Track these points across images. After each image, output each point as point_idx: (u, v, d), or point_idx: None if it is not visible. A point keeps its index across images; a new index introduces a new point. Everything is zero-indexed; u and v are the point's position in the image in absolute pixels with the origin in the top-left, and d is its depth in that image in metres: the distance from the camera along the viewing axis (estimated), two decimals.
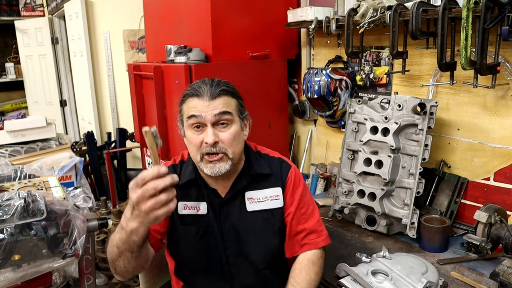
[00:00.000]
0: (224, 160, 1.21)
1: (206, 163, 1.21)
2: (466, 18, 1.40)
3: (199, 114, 1.19)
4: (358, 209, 1.83)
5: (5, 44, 5.90)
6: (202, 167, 1.22)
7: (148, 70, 2.42)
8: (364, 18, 1.79)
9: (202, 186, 1.30)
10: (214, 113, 1.18)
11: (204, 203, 1.29)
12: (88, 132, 3.51)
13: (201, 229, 1.29)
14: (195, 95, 1.21)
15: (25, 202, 1.54)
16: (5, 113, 5.57)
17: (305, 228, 1.33)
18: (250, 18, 2.25)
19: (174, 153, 2.37)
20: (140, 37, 3.81)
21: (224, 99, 1.21)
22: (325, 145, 2.45)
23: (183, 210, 1.28)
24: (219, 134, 1.20)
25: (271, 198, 1.32)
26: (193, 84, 1.26)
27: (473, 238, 1.46)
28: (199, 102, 1.19)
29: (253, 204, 1.31)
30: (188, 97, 1.23)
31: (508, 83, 1.57)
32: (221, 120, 1.20)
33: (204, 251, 1.29)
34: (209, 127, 1.19)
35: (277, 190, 1.33)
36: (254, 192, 1.32)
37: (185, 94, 1.25)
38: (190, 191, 1.30)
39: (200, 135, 1.20)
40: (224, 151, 1.20)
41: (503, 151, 1.64)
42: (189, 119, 1.21)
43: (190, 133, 1.22)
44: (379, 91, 2.07)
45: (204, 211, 1.29)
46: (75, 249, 1.63)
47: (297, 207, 1.33)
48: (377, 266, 1.34)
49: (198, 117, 1.19)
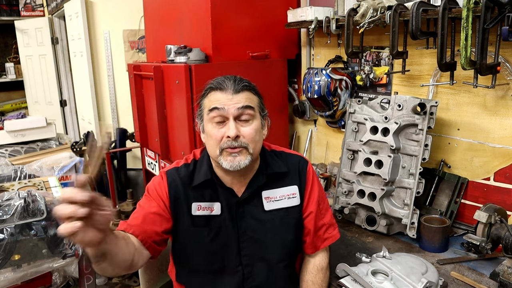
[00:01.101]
0: (244, 154, 1.18)
1: (226, 156, 1.18)
2: (466, 18, 1.40)
3: (221, 106, 1.16)
4: (358, 209, 1.83)
5: (5, 44, 5.90)
6: (221, 161, 1.19)
7: (148, 70, 2.42)
8: (364, 18, 1.79)
9: (218, 186, 1.27)
10: (237, 107, 1.17)
11: (218, 204, 1.27)
12: (88, 132, 3.51)
13: (213, 230, 1.26)
14: (218, 88, 1.19)
15: (25, 202, 1.54)
16: (5, 113, 5.57)
17: (325, 223, 1.36)
18: (250, 18, 2.25)
19: (174, 153, 2.37)
20: (140, 37, 3.81)
21: (247, 94, 1.20)
22: (325, 145, 2.45)
23: (197, 211, 1.25)
24: (240, 129, 1.17)
25: (288, 196, 1.31)
26: (216, 78, 1.24)
27: (473, 238, 1.46)
28: (222, 96, 1.18)
29: (270, 203, 1.30)
30: (211, 91, 1.21)
31: (508, 83, 1.57)
32: (243, 114, 1.18)
33: (216, 253, 1.27)
34: (231, 120, 1.16)
35: (294, 188, 1.32)
36: (271, 191, 1.30)
37: (208, 88, 1.23)
38: (205, 192, 1.27)
39: (221, 129, 1.18)
40: (245, 145, 1.18)
41: (503, 151, 1.64)
42: (211, 112, 1.18)
43: (210, 127, 1.20)
44: (379, 91, 2.07)
45: (218, 211, 1.26)
46: (75, 249, 1.63)
47: (318, 203, 1.34)
48: (377, 266, 1.34)
49: (221, 110, 1.17)
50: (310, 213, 1.33)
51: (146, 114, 2.62)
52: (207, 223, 1.26)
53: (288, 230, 1.31)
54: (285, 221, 1.31)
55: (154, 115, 2.39)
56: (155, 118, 2.38)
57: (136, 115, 2.67)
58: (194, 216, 1.25)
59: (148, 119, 2.61)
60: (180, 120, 2.21)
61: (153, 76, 2.29)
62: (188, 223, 1.25)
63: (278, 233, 1.30)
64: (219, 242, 1.26)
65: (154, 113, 2.40)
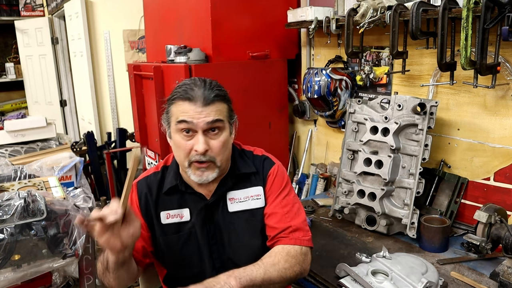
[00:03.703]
0: (211, 168, 1.17)
1: (194, 170, 1.17)
2: (466, 18, 1.40)
3: (190, 120, 1.12)
4: (358, 209, 1.83)
5: (5, 44, 5.90)
6: (189, 173, 1.18)
7: (148, 70, 2.42)
8: (364, 18, 1.79)
9: (185, 192, 1.25)
10: (207, 121, 1.12)
11: (187, 209, 1.25)
12: (88, 132, 3.51)
13: (184, 236, 1.25)
14: (186, 98, 1.13)
15: (25, 202, 1.54)
16: (5, 113, 5.57)
17: (291, 225, 1.22)
18: (250, 18, 2.25)
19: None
20: (140, 37, 3.81)
21: (217, 106, 1.15)
22: (325, 145, 2.44)
23: (166, 219, 1.25)
24: (209, 142, 1.14)
25: (252, 197, 1.27)
26: (183, 84, 1.17)
27: (473, 238, 1.46)
28: (191, 107, 1.12)
29: (234, 204, 1.26)
30: (179, 100, 1.15)
31: (508, 83, 1.57)
32: (212, 127, 1.15)
33: (190, 258, 1.26)
34: (200, 134, 1.13)
35: (258, 189, 1.28)
36: (235, 192, 1.27)
37: (175, 96, 1.16)
38: (172, 199, 1.26)
39: (189, 141, 1.14)
40: (212, 159, 1.16)
41: (503, 151, 1.64)
42: (179, 124, 1.14)
43: (178, 138, 1.16)
44: (379, 91, 2.07)
45: (187, 217, 1.25)
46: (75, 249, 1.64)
47: (279, 206, 1.25)
48: (377, 266, 1.34)
49: (189, 124, 1.12)
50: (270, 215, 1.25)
51: (146, 114, 2.62)
52: (178, 230, 1.25)
53: (254, 234, 1.26)
54: (250, 224, 1.26)
55: (154, 115, 2.39)
56: (155, 118, 2.38)
57: (136, 115, 2.67)
58: (164, 225, 1.25)
59: (148, 119, 2.61)
60: None
61: (153, 76, 2.29)
62: (159, 232, 1.25)
63: (241, 237, 1.26)
64: (191, 247, 1.25)
65: (154, 113, 2.40)
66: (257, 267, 1.14)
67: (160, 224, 1.25)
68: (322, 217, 1.93)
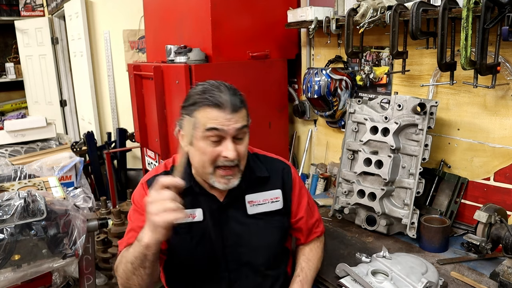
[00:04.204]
0: (236, 174, 1.20)
1: (219, 178, 1.18)
2: (466, 18, 1.40)
3: (221, 127, 1.12)
4: (358, 209, 1.83)
5: (5, 44, 5.90)
6: (212, 180, 1.18)
7: (148, 70, 2.42)
8: (364, 18, 1.79)
9: (198, 193, 1.26)
10: (236, 128, 1.13)
11: (200, 210, 1.25)
12: (88, 132, 3.51)
13: (197, 236, 1.25)
14: (215, 105, 1.12)
15: (25, 202, 1.54)
16: (5, 113, 5.57)
17: (316, 219, 1.44)
18: (250, 18, 2.25)
19: (174, 153, 2.37)
20: (140, 37, 3.81)
21: (243, 112, 1.17)
22: (325, 145, 2.45)
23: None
24: (237, 148, 1.16)
25: (271, 200, 1.31)
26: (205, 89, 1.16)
27: (473, 238, 1.46)
28: (220, 114, 1.11)
29: (253, 207, 1.29)
30: (206, 107, 1.13)
31: (508, 83, 1.57)
32: (239, 133, 1.16)
33: (202, 258, 1.26)
34: (229, 141, 1.13)
35: (277, 192, 1.32)
36: (254, 195, 1.29)
37: (201, 102, 1.14)
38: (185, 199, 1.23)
39: (217, 148, 1.14)
40: (238, 164, 1.18)
41: (503, 151, 1.64)
42: (208, 131, 1.13)
43: (203, 144, 1.15)
44: (379, 91, 2.07)
45: (200, 217, 1.25)
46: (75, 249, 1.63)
47: (307, 206, 1.39)
48: (377, 266, 1.35)
49: (220, 131, 1.12)
50: (301, 218, 1.37)
51: (146, 114, 2.62)
52: (189, 229, 1.25)
53: (272, 234, 1.31)
54: (268, 225, 1.30)
55: (154, 115, 2.39)
56: (155, 118, 2.38)
57: (136, 115, 2.67)
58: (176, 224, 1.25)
59: (148, 119, 2.61)
60: None
61: (153, 76, 2.29)
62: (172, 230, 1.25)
63: (262, 237, 1.29)
64: (203, 248, 1.25)
65: (154, 113, 2.40)
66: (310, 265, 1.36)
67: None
68: (322, 217, 1.93)
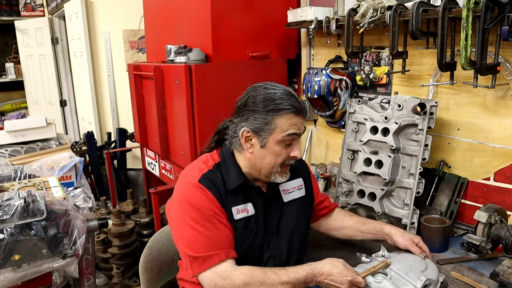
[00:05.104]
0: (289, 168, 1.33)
1: (282, 174, 1.30)
2: (466, 18, 1.40)
3: (299, 132, 1.24)
4: (358, 209, 1.83)
5: (5, 44, 5.90)
6: (274, 177, 1.29)
7: (148, 70, 2.42)
8: (364, 18, 1.79)
9: (249, 187, 1.32)
10: (303, 130, 1.28)
11: (250, 204, 1.32)
12: (88, 132, 3.51)
13: (254, 230, 1.31)
14: (296, 112, 1.23)
15: (25, 202, 1.54)
16: (5, 113, 5.57)
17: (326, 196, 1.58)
18: (250, 18, 2.25)
19: (174, 154, 2.37)
20: (140, 37, 3.81)
21: None
22: (325, 145, 2.45)
23: (237, 214, 1.29)
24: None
25: (298, 188, 1.43)
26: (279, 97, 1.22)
27: (473, 238, 1.46)
28: (299, 120, 1.24)
29: (286, 195, 1.40)
30: (289, 113, 1.22)
31: (508, 83, 1.57)
32: None
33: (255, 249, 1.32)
34: (298, 142, 1.27)
35: (300, 181, 1.45)
36: (285, 184, 1.39)
37: (283, 109, 1.21)
38: (238, 195, 1.30)
39: (287, 149, 1.26)
40: None
41: (503, 151, 1.64)
42: (289, 136, 1.23)
43: (279, 148, 1.24)
44: (379, 91, 2.07)
45: (252, 211, 1.32)
46: (75, 249, 1.63)
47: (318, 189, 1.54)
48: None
49: (298, 135, 1.25)
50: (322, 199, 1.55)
51: (146, 114, 2.63)
52: (247, 224, 1.30)
53: (303, 221, 1.44)
54: (300, 212, 1.42)
55: (154, 115, 2.39)
56: (155, 118, 2.39)
57: (136, 115, 2.67)
58: (236, 221, 1.29)
59: (148, 119, 2.61)
60: (180, 120, 2.21)
61: (153, 76, 2.29)
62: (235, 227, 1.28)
63: (296, 224, 1.39)
64: (259, 240, 1.32)
65: (154, 113, 2.40)
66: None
67: (233, 220, 1.28)
68: None
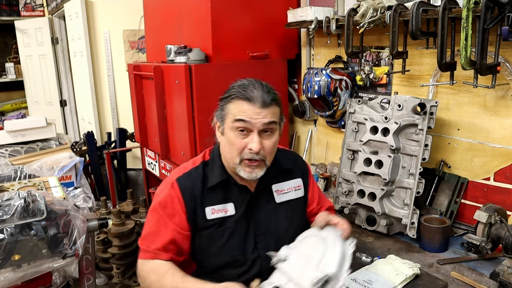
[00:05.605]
0: (261, 166, 1.24)
1: (244, 167, 1.23)
2: (466, 18, 1.40)
3: (248, 119, 1.18)
4: (358, 209, 1.83)
5: (5, 44, 5.90)
6: (238, 169, 1.24)
7: (148, 70, 2.42)
8: (364, 18, 1.79)
9: (232, 185, 1.31)
10: (264, 122, 1.19)
11: (231, 204, 1.30)
12: (88, 132, 3.51)
13: (229, 229, 1.29)
14: (246, 98, 1.19)
15: (25, 202, 1.54)
16: (5, 113, 5.57)
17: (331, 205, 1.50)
18: (250, 18, 2.25)
19: (174, 154, 2.37)
20: (140, 37, 3.81)
21: (273, 108, 1.22)
22: (325, 145, 2.44)
23: (211, 214, 1.28)
24: (262, 142, 1.21)
25: (295, 188, 1.40)
26: (242, 84, 1.23)
27: (473, 238, 1.46)
28: (250, 108, 1.19)
29: (280, 195, 1.37)
30: (238, 99, 1.20)
31: (508, 83, 1.57)
32: (267, 128, 1.21)
33: (233, 249, 1.29)
34: (255, 134, 1.19)
35: (298, 181, 1.41)
36: (279, 184, 1.37)
37: (233, 95, 1.22)
38: (216, 194, 1.29)
39: (244, 139, 1.20)
40: (263, 158, 1.23)
41: (503, 151, 1.63)
42: (236, 122, 1.20)
43: (233, 135, 1.21)
44: (379, 91, 2.07)
45: (232, 211, 1.29)
46: (75, 249, 1.63)
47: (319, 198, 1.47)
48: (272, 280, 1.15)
49: (247, 123, 1.19)
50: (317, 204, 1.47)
51: (146, 114, 2.62)
52: (222, 224, 1.29)
53: (298, 222, 1.39)
54: (294, 212, 1.39)
55: (154, 115, 2.39)
56: (155, 118, 2.38)
57: (136, 115, 2.67)
58: (209, 220, 1.28)
59: (148, 119, 2.61)
60: (180, 120, 2.21)
61: (153, 76, 2.29)
62: (204, 226, 1.28)
63: (289, 224, 1.36)
64: (236, 239, 1.30)
65: (154, 113, 2.40)
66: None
67: (205, 219, 1.27)
68: None
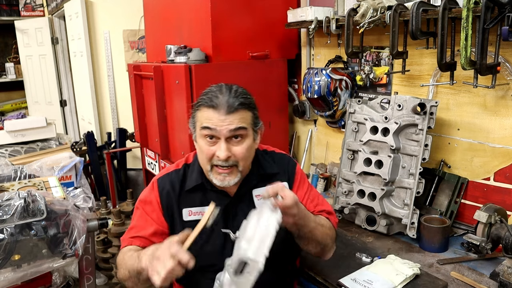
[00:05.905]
0: (233, 173, 1.21)
1: (216, 175, 1.21)
2: (466, 18, 1.40)
3: (213, 127, 1.16)
4: (358, 209, 1.83)
5: (5, 44, 5.90)
6: (211, 176, 1.22)
7: (148, 70, 2.42)
8: (364, 18, 1.78)
9: (209, 190, 1.28)
10: (229, 128, 1.16)
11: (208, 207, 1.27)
12: (88, 132, 3.51)
13: (204, 234, 1.26)
14: (210, 106, 1.16)
15: (25, 202, 1.54)
16: (5, 113, 5.57)
17: (324, 209, 1.37)
18: (250, 18, 2.25)
19: (174, 154, 2.37)
20: (140, 37, 3.81)
21: (241, 114, 1.18)
22: (325, 145, 2.44)
23: (188, 216, 1.27)
24: (232, 148, 1.18)
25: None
26: (209, 91, 1.21)
27: (473, 238, 1.46)
28: (214, 115, 1.16)
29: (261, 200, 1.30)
30: (203, 107, 1.18)
31: (508, 83, 1.57)
32: (235, 135, 1.18)
33: (211, 253, 1.27)
34: (222, 141, 1.17)
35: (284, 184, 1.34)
36: (261, 189, 1.31)
37: (200, 103, 1.20)
38: (195, 196, 1.28)
39: (212, 147, 1.18)
40: (235, 164, 1.20)
41: (503, 151, 1.63)
42: (203, 130, 1.18)
43: (202, 143, 1.20)
44: (379, 91, 2.07)
45: None
46: (75, 249, 1.63)
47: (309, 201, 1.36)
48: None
49: (212, 130, 1.16)
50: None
51: (146, 114, 2.62)
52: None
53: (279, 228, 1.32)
54: None
55: (154, 115, 2.39)
56: (155, 118, 2.38)
57: (136, 115, 2.67)
58: (186, 222, 1.27)
59: (148, 119, 2.61)
60: (180, 120, 2.21)
61: (153, 76, 2.29)
62: (180, 228, 1.25)
63: None
64: (214, 243, 1.27)
65: (154, 113, 2.40)
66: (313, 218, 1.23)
67: (182, 221, 1.27)
68: None
